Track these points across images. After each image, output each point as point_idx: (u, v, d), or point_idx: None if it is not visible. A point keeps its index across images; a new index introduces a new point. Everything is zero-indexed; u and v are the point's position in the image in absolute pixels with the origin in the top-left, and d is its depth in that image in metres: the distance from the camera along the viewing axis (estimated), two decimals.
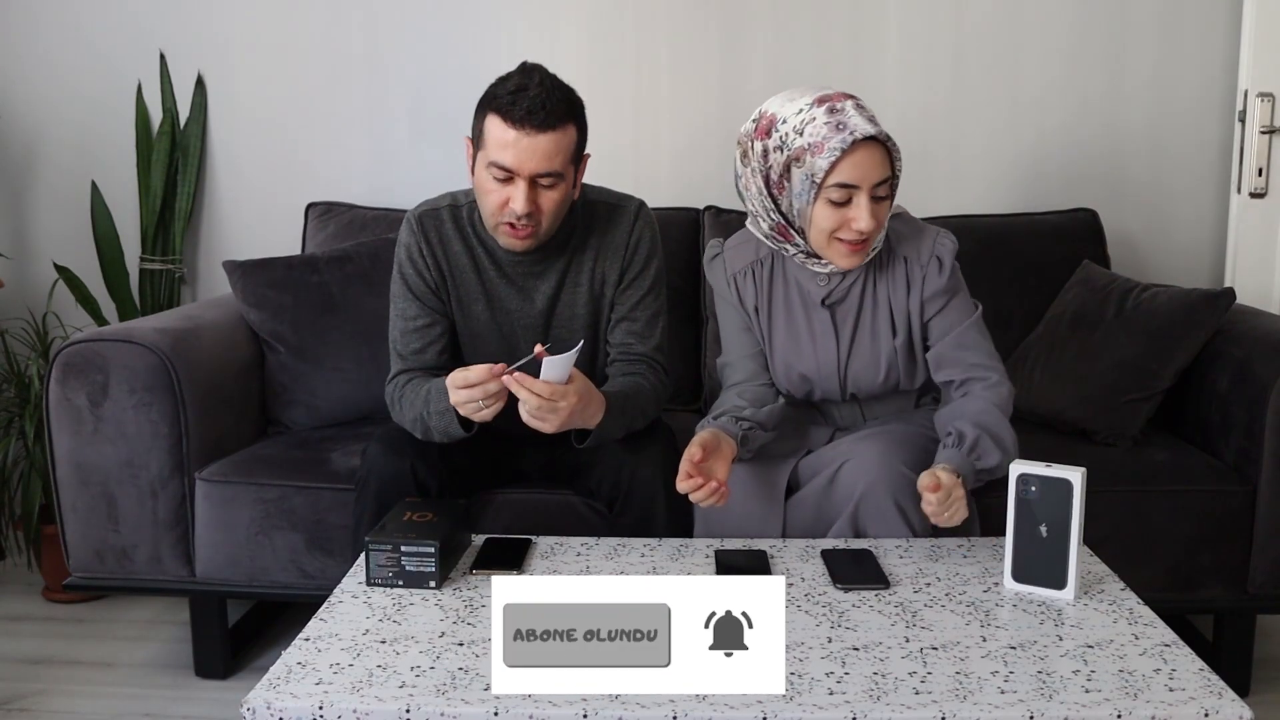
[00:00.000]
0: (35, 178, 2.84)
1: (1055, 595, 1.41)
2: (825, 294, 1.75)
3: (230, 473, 2.04)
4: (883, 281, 1.74)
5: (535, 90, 1.63)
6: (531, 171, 1.65)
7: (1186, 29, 2.65)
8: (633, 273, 1.85)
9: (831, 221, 1.62)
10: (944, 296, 1.73)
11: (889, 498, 1.63)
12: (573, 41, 2.72)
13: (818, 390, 1.82)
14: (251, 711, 1.15)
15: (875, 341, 1.75)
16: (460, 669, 1.22)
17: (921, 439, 1.76)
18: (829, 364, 1.78)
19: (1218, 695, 1.16)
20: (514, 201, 1.66)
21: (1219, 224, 2.70)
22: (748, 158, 1.70)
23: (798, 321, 1.78)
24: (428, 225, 1.84)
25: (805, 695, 1.16)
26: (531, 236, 1.72)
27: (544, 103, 1.63)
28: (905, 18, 2.68)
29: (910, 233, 1.74)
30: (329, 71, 2.75)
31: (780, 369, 1.82)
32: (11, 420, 2.52)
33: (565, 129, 1.67)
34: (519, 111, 1.62)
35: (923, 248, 1.72)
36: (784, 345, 1.80)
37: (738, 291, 1.81)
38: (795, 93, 1.66)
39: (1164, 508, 1.97)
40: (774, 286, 1.79)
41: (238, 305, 2.31)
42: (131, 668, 2.22)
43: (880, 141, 1.60)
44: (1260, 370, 1.99)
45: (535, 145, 1.64)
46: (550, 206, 1.70)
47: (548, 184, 1.68)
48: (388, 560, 1.45)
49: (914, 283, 1.72)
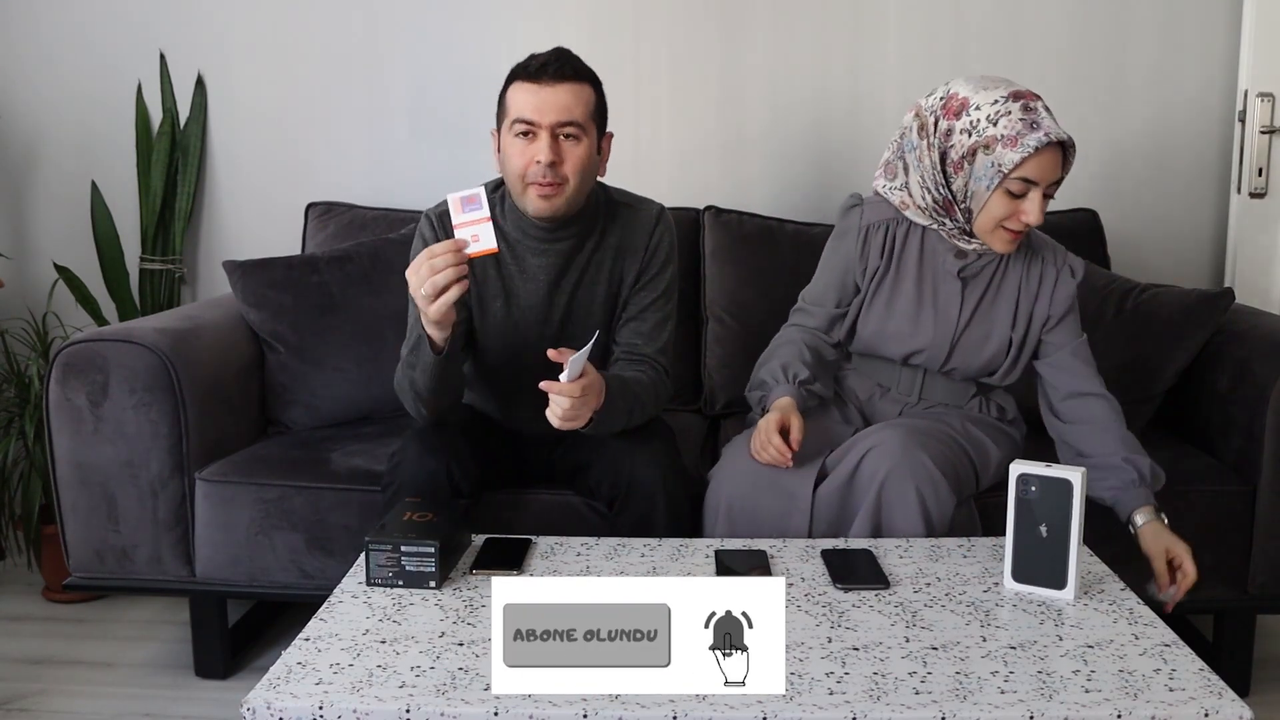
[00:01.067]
0: (35, 178, 2.84)
1: (1055, 595, 1.41)
2: (962, 266, 1.83)
3: (230, 473, 2.04)
4: (1015, 272, 1.85)
5: (552, 54, 1.74)
6: (552, 121, 1.71)
7: (1186, 29, 2.65)
8: (649, 275, 1.87)
9: (1004, 210, 1.72)
10: (1067, 309, 1.85)
11: (910, 484, 1.66)
12: (573, 42, 2.67)
13: (921, 358, 1.88)
14: (251, 711, 1.15)
15: (991, 325, 1.84)
16: (460, 669, 1.22)
17: (945, 433, 1.79)
18: (945, 334, 1.85)
19: (1218, 695, 1.16)
20: (538, 153, 1.71)
21: (1219, 224, 2.70)
22: (926, 131, 1.77)
23: (925, 287, 1.86)
24: (447, 222, 1.83)
25: (805, 695, 1.16)
26: (559, 194, 1.74)
27: (560, 61, 1.73)
28: (905, 17, 2.67)
29: (1048, 239, 1.89)
30: (329, 71, 2.75)
31: (883, 330, 1.87)
32: (11, 420, 2.52)
33: (582, 85, 1.74)
34: (535, 66, 1.72)
35: (1059, 255, 1.87)
36: (902, 309, 1.86)
37: (865, 242, 1.87)
38: (988, 81, 1.75)
39: (1164, 508, 1.96)
40: (905, 250, 1.86)
41: (238, 305, 2.31)
42: (131, 668, 2.22)
43: (1065, 146, 1.70)
44: (1260, 370, 1.99)
45: (555, 95, 1.71)
46: (574, 162, 1.74)
47: (570, 134, 1.72)
48: (388, 560, 1.45)
49: (1046, 281, 1.84)
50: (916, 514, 1.65)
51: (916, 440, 1.71)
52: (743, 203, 2.58)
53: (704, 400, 2.47)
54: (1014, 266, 1.86)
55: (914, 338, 1.86)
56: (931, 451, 1.70)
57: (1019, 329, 1.85)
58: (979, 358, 1.86)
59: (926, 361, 1.89)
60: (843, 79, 2.65)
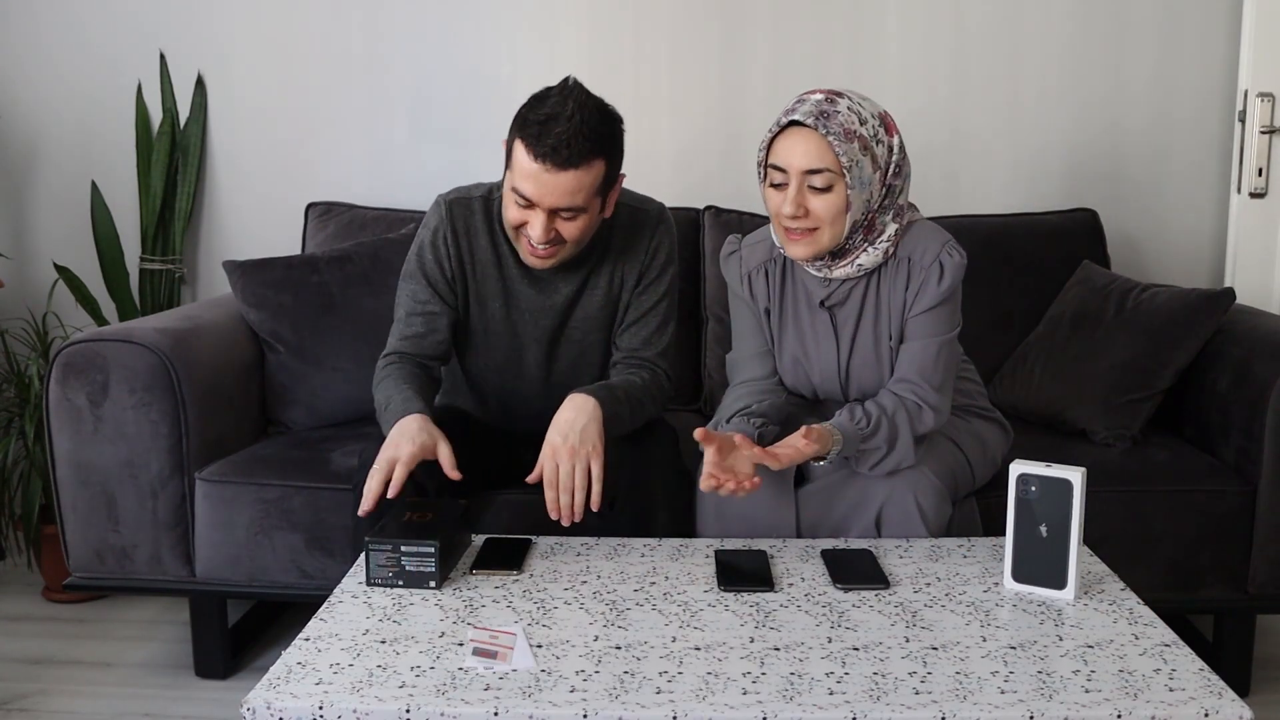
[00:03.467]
0: (35, 178, 2.84)
1: (1055, 595, 1.41)
2: (825, 295, 1.74)
3: (230, 473, 2.04)
4: (885, 285, 1.72)
5: (564, 125, 1.59)
6: (551, 205, 1.64)
7: (1186, 29, 2.65)
8: (649, 278, 1.85)
9: (773, 205, 1.65)
10: (932, 302, 1.68)
11: (910, 498, 1.64)
12: (573, 41, 2.72)
13: (821, 391, 1.82)
14: (251, 711, 1.15)
15: (878, 346, 1.75)
16: (460, 669, 1.22)
17: (947, 446, 1.76)
18: (830, 366, 1.78)
19: (1218, 695, 1.16)
20: (532, 229, 1.66)
21: (1219, 224, 2.70)
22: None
23: (803, 323, 1.79)
24: (457, 213, 1.82)
25: (805, 695, 1.16)
26: (552, 258, 1.72)
27: (569, 140, 1.59)
28: (905, 18, 2.68)
29: (921, 238, 1.70)
30: (329, 71, 2.75)
31: (788, 369, 1.82)
32: (11, 420, 2.52)
33: (591, 166, 1.63)
34: (543, 147, 1.59)
35: (928, 252, 1.68)
36: (791, 346, 1.80)
37: (750, 289, 1.81)
38: None
39: (1164, 508, 1.97)
40: (785, 286, 1.79)
41: (238, 305, 2.31)
42: (131, 668, 2.22)
43: (823, 133, 1.58)
44: (1260, 370, 1.99)
45: (556, 182, 1.61)
46: (572, 234, 1.69)
47: (568, 216, 1.66)
48: (388, 560, 1.45)
49: (913, 284, 1.69)
50: (919, 527, 1.64)
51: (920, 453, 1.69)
52: (743, 203, 2.58)
53: (704, 400, 2.47)
54: (884, 280, 1.72)
55: (810, 376, 1.80)
56: (934, 465, 1.69)
57: (896, 339, 1.73)
58: (877, 384, 1.75)
59: (826, 396, 1.82)
60: (843, 79, 2.63)
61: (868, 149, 1.61)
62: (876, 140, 1.63)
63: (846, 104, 1.62)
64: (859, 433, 1.64)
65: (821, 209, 1.61)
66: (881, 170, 1.64)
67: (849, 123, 1.60)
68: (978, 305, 2.36)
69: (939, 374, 1.70)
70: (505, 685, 1.18)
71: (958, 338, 1.76)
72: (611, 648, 1.28)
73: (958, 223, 2.46)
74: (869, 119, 1.63)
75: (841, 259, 1.69)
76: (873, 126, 1.63)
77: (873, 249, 1.68)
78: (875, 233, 1.68)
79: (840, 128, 1.59)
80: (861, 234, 1.67)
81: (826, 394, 1.82)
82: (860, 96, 1.66)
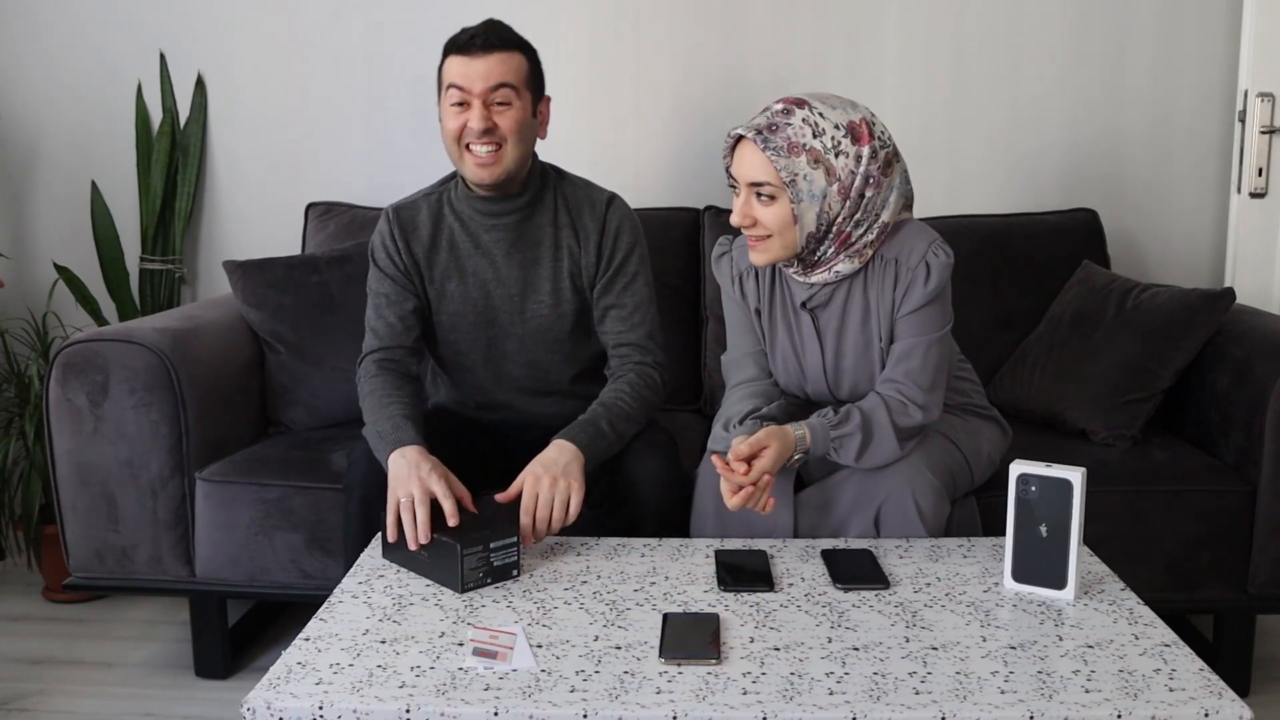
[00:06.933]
0: (35, 178, 2.84)
1: (1055, 595, 1.41)
2: (806, 297, 1.74)
3: (230, 473, 2.05)
4: (872, 287, 1.71)
5: (478, 27, 1.80)
6: (482, 90, 1.75)
7: (1186, 29, 2.65)
8: (616, 261, 1.87)
9: (736, 216, 1.69)
10: (919, 303, 1.67)
11: (909, 497, 1.64)
12: (573, 41, 2.71)
13: (813, 393, 1.82)
14: (251, 711, 1.15)
15: (869, 348, 1.74)
16: (460, 669, 1.22)
17: (944, 445, 1.76)
18: (815, 367, 1.78)
19: (1218, 695, 1.16)
20: (471, 121, 1.76)
21: (1219, 224, 2.70)
22: None
23: (791, 324, 1.79)
24: (403, 217, 1.90)
25: (805, 695, 1.16)
26: (497, 163, 1.78)
27: (484, 32, 1.78)
28: (905, 18, 2.68)
29: (908, 239, 1.69)
30: (329, 71, 2.75)
31: (780, 369, 1.82)
32: (11, 420, 2.52)
33: (511, 53, 1.79)
34: (463, 39, 1.79)
35: (915, 253, 1.67)
36: (782, 346, 1.80)
37: (741, 289, 1.82)
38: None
39: (1164, 508, 1.98)
40: (775, 288, 1.80)
41: (238, 305, 2.31)
42: (131, 668, 2.22)
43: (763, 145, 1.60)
44: (1260, 370, 1.99)
45: (482, 65, 1.76)
46: (510, 126, 1.77)
47: (502, 101, 1.76)
48: (479, 562, 1.44)
49: (900, 285, 1.68)
50: (917, 528, 1.64)
51: (919, 452, 1.69)
52: None
53: (703, 400, 2.47)
54: (870, 282, 1.70)
55: (798, 377, 1.81)
56: (933, 464, 1.68)
57: (886, 340, 1.72)
58: (867, 382, 1.75)
59: (817, 397, 1.82)
60: (843, 79, 2.64)
61: (819, 161, 1.60)
62: (837, 152, 1.61)
63: (803, 115, 1.61)
64: (823, 423, 1.65)
65: (768, 219, 1.63)
66: (841, 182, 1.62)
67: (799, 136, 1.60)
68: (978, 305, 2.37)
69: (928, 374, 1.69)
70: (505, 685, 1.18)
71: (951, 334, 1.75)
72: (611, 648, 1.28)
73: (958, 223, 2.46)
74: (828, 130, 1.61)
75: (818, 267, 1.70)
76: (832, 139, 1.61)
77: (848, 259, 1.68)
78: (850, 245, 1.67)
79: (785, 141, 1.59)
80: (834, 245, 1.66)
81: (817, 395, 1.82)
82: (830, 105, 1.64)
